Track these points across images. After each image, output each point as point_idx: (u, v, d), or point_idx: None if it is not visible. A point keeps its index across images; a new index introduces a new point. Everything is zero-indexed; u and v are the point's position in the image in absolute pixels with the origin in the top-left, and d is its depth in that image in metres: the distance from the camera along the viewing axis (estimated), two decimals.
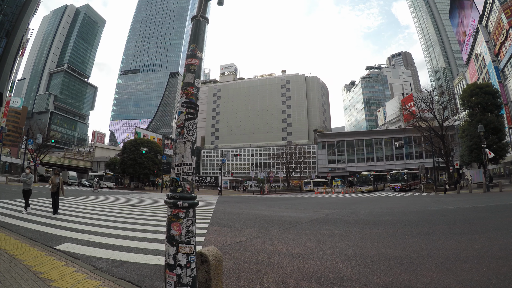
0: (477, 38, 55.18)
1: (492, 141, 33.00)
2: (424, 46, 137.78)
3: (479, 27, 51.72)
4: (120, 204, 17.30)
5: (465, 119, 41.10)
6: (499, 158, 35.22)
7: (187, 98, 3.16)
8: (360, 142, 79.69)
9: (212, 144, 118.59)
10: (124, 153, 55.18)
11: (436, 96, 42.29)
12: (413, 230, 9.12)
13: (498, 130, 34.93)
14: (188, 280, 2.89)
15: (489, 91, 36.73)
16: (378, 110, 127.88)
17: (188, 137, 3.09)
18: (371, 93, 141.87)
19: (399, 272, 4.80)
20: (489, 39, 49.38)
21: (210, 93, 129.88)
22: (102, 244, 6.58)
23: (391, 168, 64.44)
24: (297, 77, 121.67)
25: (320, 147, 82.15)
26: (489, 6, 46.48)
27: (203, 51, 3.49)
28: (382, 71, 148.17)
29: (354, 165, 76.06)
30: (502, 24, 42.72)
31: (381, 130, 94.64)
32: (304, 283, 4.36)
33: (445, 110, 40.06)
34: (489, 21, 48.24)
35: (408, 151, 74.70)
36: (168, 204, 2.96)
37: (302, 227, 10.17)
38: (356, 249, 6.55)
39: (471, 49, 60.50)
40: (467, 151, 36.69)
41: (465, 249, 6.20)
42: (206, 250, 3.44)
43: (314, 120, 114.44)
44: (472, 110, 37.14)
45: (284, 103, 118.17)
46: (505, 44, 43.63)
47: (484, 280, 4.31)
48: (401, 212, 15.03)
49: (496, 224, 9.70)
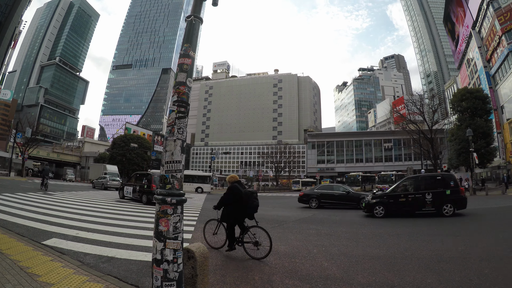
0: (469, 44, 56.02)
1: (480, 145, 33.51)
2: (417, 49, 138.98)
3: (472, 32, 52.48)
4: (108, 200, 17.21)
5: (454, 123, 41.66)
6: (486, 162, 35.80)
7: (178, 97, 3.21)
8: (350, 143, 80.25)
9: (202, 142, 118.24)
10: (113, 149, 54.61)
11: (427, 100, 42.70)
12: (398, 231, 9.31)
13: (486, 135, 35.46)
14: (175, 275, 2.94)
15: (480, 96, 37.25)
16: (369, 112, 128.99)
17: (179, 135, 3.14)
18: (363, 94, 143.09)
19: (382, 272, 4.90)
20: (482, 45, 50.16)
21: (202, 90, 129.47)
22: (89, 239, 6.56)
23: (380, 169, 64.80)
24: (289, 76, 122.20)
25: (310, 147, 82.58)
26: (483, 12, 47.22)
27: (196, 50, 3.53)
28: (374, 73, 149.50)
29: (343, 166, 76.51)
30: (495, 30, 43.42)
31: (371, 132, 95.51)
32: (289, 281, 4.43)
33: (435, 113, 40.43)
34: (483, 27, 48.97)
35: (397, 153, 75.46)
36: (157, 200, 3.01)
37: (289, 226, 10.30)
38: (342, 248, 6.67)
39: (463, 54, 61.38)
40: (455, 154, 37.24)
41: (449, 250, 6.34)
42: (193, 246, 3.50)
43: (304, 120, 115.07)
44: (462, 115, 37.60)
45: (276, 102, 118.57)
46: (497, 50, 44.35)
47: (465, 281, 4.42)
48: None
49: (480, 227, 9.93)
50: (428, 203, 12.09)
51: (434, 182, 12.61)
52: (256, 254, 5.67)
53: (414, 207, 12.47)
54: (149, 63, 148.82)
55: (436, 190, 12.17)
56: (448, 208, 11.85)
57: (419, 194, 12.30)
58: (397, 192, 12.97)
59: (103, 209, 12.73)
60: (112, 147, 55.80)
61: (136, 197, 17.04)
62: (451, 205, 11.86)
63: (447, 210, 11.84)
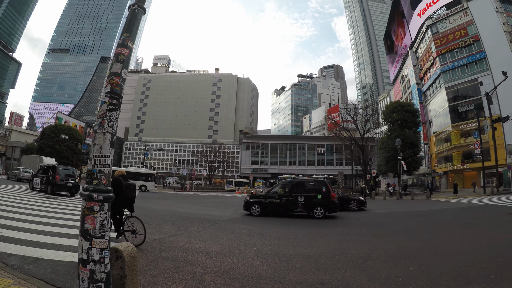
0: (406, 61, 61.12)
1: (408, 154, 36.35)
2: (356, 62, 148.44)
3: (410, 52, 57.40)
4: (34, 196, 15.80)
5: (385, 133, 44.64)
6: (413, 169, 38.93)
7: (111, 88, 3.08)
8: (284, 145, 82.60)
9: (136, 137, 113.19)
10: (42, 139, 50.59)
11: (361, 109, 45.43)
12: (327, 231, 9.78)
13: (414, 145, 38.65)
14: (102, 276, 2.82)
15: (410, 110, 40.39)
16: (305, 117, 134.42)
17: (109, 128, 3.01)
18: (300, 100, 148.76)
19: (313, 270, 5.08)
20: (417, 64, 55.07)
21: (140, 83, 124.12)
22: (14, 239, 6.03)
23: (312, 172, 67.34)
24: (229, 76, 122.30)
25: (244, 147, 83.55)
26: (421, 34, 51.77)
27: (135, 41, 3.40)
28: (313, 80, 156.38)
29: (276, 168, 78.34)
30: (431, 52, 47.82)
31: (305, 136, 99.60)
32: (221, 281, 4.43)
33: (368, 122, 43.19)
34: (419, 48, 53.77)
35: (329, 158, 79.47)
36: (83, 196, 2.88)
37: (221, 225, 10.35)
38: (273, 248, 6.81)
39: (399, 71, 66.75)
40: (384, 161, 39.87)
41: (376, 250, 6.77)
42: (121, 246, 3.35)
43: (241, 121, 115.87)
44: (393, 125, 40.46)
45: (214, 101, 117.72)
46: (430, 70, 49.03)
47: (392, 278, 4.74)
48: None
49: (406, 228, 10.80)
50: (300, 205, 13.03)
51: (307, 187, 13.72)
52: (134, 242, 6.11)
53: (288, 208, 13.33)
54: (88, 49, 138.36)
55: (308, 194, 13.18)
56: (318, 211, 12.84)
57: (292, 197, 13.24)
58: (272, 194, 13.92)
59: (28, 205, 11.69)
60: (41, 138, 51.85)
61: (43, 188, 18.06)
62: (322, 208, 12.88)
63: (318, 213, 12.81)
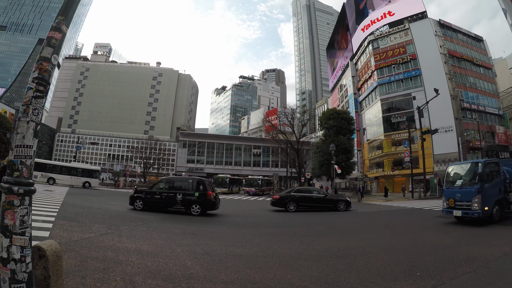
0: (345, 72, 65.03)
1: (341, 159, 38.08)
2: (298, 68, 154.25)
3: (350, 63, 61.25)
4: None
5: (320, 138, 46.54)
6: (345, 174, 41.01)
7: (39, 73, 2.87)
8: (221, 145, 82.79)
9: (69, 128, 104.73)
10: None
11: (298, 114, 46.87)
12: (261, 232, 10.02)
13: (347, 151, 40.69)
14: (24, 276, 2.65)
15: (346, 118, 42.36)
16: (243, 118, 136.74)
17: (33, 117, 2.80)
18: (240, 101, 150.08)
19: (245, 270, 5.17)
20: (356, 75, 58.86)
21: (77, 70, 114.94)
22: None
23: (248, 173, 67.96)
24: (170, 72, 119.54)
25: (181, 145, 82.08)
26: (363, 48, 55.50)
27: (70, 26, 3.18)
28: (254, 83, 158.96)
29: (212, 167, 78.04)
30: (370, 65, 51.45)
31: (242, 137, 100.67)
32: (152, 281, 4.34)
33: (304, 127, 44.67)
34: (359, 61, 57.61)
35: (265, 159, 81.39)
36: (3, 189, 2.68)
37: (154, 224, 10.16)
38: (205, 247, 6.82)
39: (338, 80, 70.69)
40: (318, 165, 41.42)
41: (307, 249, 7.07)
42: (44, 244, 3.11)
43: (179, 118, 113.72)
44: (328, 131, 42.08)
45: (152, 96, 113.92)
46: (368, 82, 52.76)
47: (322, 276, 4.98)
48: (252, 214, 16.36)
49: (337, 230, 11.34)
50: (179, 202, 13.65)
51: (186, 185, 14.37)
52: None
53: (167, 204, 13.92)
54: (26, 29, 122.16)
55: (186, 191, 13.86)
56: (196, 208, 13.51)
57: (171, 194, 13.89)
58: (154, 190, 14.53)
59: None
60: None
61: None
62: (199, 205, 13.51)
63: (195, 210, 13.47)
